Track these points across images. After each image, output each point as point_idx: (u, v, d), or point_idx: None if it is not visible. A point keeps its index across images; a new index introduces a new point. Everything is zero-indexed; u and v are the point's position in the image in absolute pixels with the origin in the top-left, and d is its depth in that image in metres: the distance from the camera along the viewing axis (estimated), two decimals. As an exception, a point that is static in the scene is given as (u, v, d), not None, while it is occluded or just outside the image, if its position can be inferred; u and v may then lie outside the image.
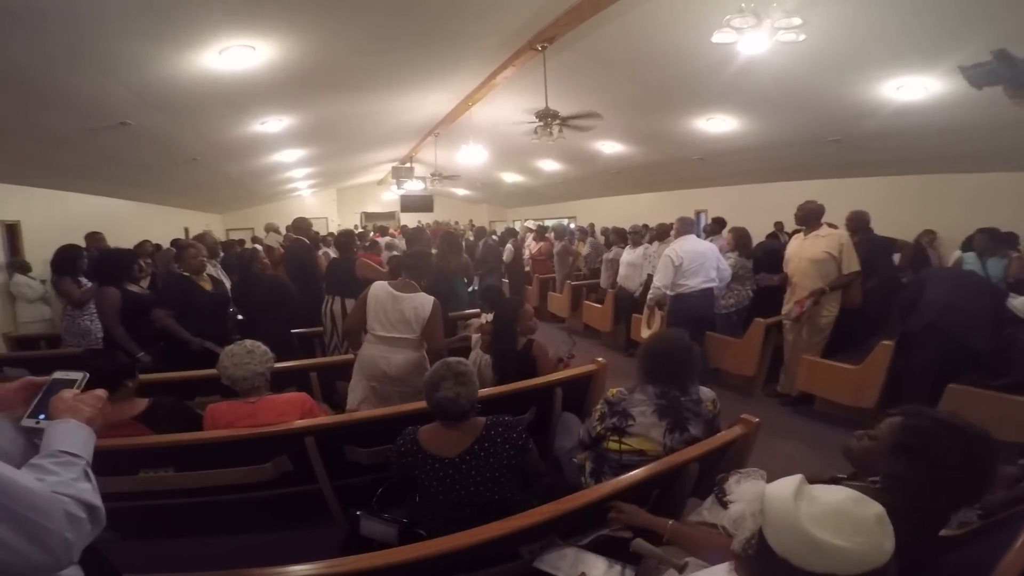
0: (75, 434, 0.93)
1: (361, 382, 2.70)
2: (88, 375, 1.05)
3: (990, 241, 4.84)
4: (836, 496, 0.82)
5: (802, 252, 3.91)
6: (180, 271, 3.58)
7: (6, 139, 4.51)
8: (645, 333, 4.55)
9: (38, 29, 2.99)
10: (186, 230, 10.00)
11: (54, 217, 6.41)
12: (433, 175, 11.09)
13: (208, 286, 3.67)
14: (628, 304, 5.73)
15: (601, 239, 8.54)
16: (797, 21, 3.39)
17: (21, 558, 0.73)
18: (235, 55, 4.05)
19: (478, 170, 11.40)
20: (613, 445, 1.93)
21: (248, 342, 2.18)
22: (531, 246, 8.83)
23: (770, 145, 6.85)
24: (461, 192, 16.43)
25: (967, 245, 4.98)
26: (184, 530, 2.10)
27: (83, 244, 5.34)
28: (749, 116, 6.26)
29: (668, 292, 4.24)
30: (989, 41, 3.25)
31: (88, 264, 4.29)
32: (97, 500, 0.87)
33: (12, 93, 3.67)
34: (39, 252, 5.71)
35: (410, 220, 14.75)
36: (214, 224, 12.24)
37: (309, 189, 14.77)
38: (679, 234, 4.41)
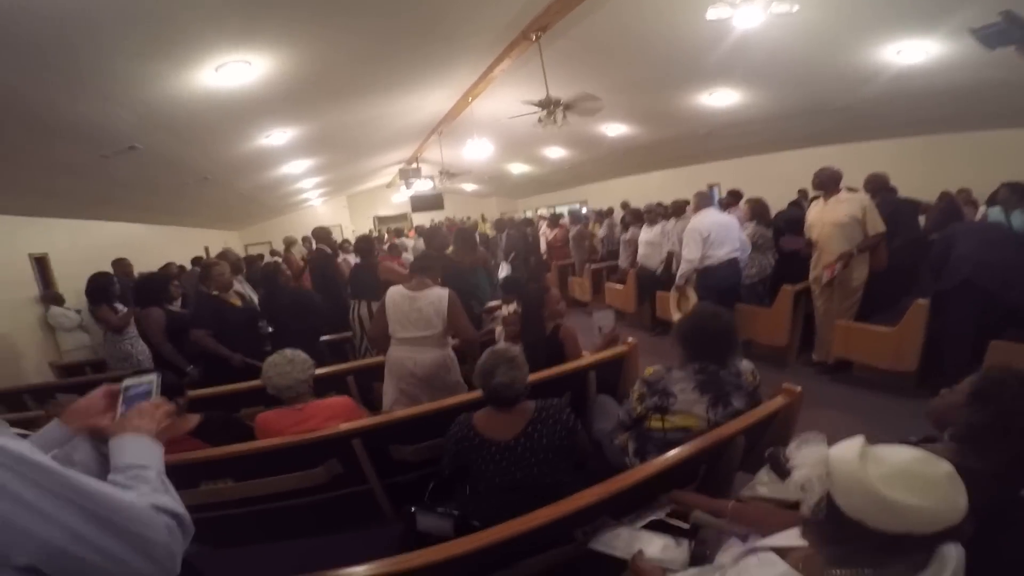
0: (133, 445, 0.92)
1: (392, 384, 2.75)
2: (160, 374, 1.06)
3: (1012, 194, 4.78)
4: (902, 456, 0.82)
5: (824, 217, 3.84)
6: (208, 291, 3.60)
7: (24, 171, 4.63)
8: (676, 314, 4.54)
9: (35, 60, 3.04)
10: (206, 249, 10.17)
11: (78, 247, 6.55)
12: (441, 173, 11.12)
13: (237, 302, 3.77)
14: (650, 283, 5.70)
15: (619, 218, 8.46)
16: (787, -9, 3.37)
17: (132, 571, 0.76)
18: (232, 71, 4.08)
19: (485, 164, 11.41)
20: (656, 424, 1.93)
21: (288, 351, 2.24)
22: (546, 233, 8.82)
23: (775, 116, 6.73)
24: (470, 187, 16.43)
25: (992, 199, 4.89)
26: (246, 538, 2.16)
27: (110, 271, 5.53)
28: (751, 88, 6.16)
29: (696, 266, 4.24)
30: (988, 2, 3.19)
31: (122, 290, 4.42)
32: (180, 507, 0.88)
33: (22, 125, 3.75)
34: (69, 283, 5.89)
35: (422, 220, 14.81)
36: (232, 241, 12.44)
37: (320, 198, 14.91)
38: (698, 208, 4.41)
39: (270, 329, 4.04)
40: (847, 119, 6.34)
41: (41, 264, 6.11)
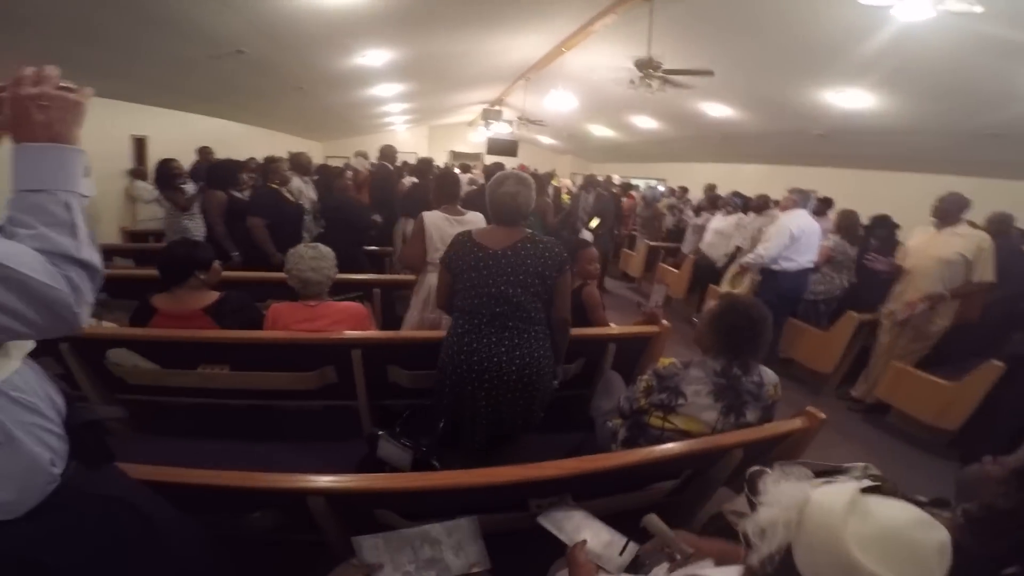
0: (26, 159, 0.70)
1: (418, 311, 2.71)
2: None
3: None
4: (899, 514, 0.65)
5: (929, 248, 3.32)
6: (267, 183, 3.85)
7: (136, 63, 4.99)
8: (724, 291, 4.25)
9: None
10: (288, 154, 10.67)
11: (177, 134, 7.23)
12: (520, 119, 10.85)
13: (293, 198, 3.98)
14: (707, 273, 5.33)
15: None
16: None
17: (27, 323, 0.67)
18: (345, -17, 4.07)
19: (565, 119, 10.97)
20: (656, 421, 1.75)
21: (320, 245, 2.25)
22: (615, 199, 8.39)
23: (911, 130, 5.79)
24: (546, 140, 16.01)
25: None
26: (219, 431, 2.21)
27: (196, 157, 6.15)
28: (890, 93, 5.27)
29: (772, 266, 3.92)
30: None
31: (198, 171, 4.78)
32: (86, 252, 0.72)
33: (140, 20, 3.99)
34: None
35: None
36: (314, 150, 12.88)
37: (404, 124, 15.09)
38: (794, 206, 3.97)
39: (320, 230, 4.22)
40: (997, 150, 5.33)
41: (139, 144, 6.90)
